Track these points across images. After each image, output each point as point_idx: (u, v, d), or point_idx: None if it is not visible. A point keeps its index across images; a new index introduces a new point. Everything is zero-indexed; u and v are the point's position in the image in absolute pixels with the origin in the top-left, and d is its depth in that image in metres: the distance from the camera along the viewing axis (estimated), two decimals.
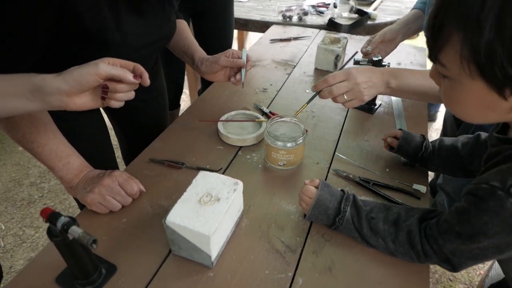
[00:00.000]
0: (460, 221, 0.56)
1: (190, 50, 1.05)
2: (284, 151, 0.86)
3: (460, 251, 0.58)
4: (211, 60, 0.99)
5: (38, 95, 0.59)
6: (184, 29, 1.09)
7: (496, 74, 0.44)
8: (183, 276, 0.66)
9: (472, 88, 0.48)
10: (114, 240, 0.72)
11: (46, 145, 0.75)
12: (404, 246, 0.65)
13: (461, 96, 0.51)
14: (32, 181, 2.06)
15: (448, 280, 1.59)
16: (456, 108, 0.55)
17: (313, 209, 0.71)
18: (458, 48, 0.46)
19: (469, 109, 0.53)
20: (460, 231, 0.56)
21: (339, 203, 0.70)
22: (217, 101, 1.17)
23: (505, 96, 0.46)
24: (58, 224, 0.53)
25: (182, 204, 0.66)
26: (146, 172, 0.88)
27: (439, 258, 0.62)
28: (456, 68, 0.48)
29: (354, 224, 0.69)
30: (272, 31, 1.73)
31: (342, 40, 1.35)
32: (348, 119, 1.10)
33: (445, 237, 0.59)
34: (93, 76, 0.59)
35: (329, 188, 0.72)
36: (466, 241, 0.56)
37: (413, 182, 0.86)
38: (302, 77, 1.33)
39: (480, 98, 0.49)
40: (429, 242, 0.62)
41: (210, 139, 1.00)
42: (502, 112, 0.50)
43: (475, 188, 0.54)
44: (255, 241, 0.72)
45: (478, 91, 0.48)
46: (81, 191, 0.76)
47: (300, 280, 0.66)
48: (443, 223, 0.60)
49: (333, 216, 0.70)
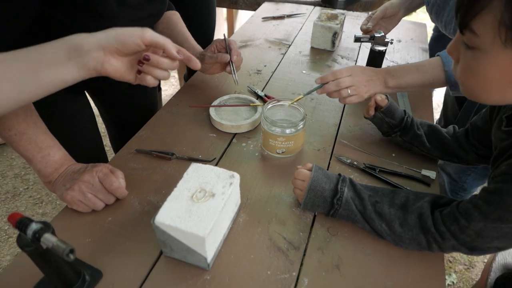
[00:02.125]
0: (488, 201, 0.54)
1: (185, 46, 0.99)
2: (282, 138, 0.79)
3: (488, 230, 0.54)
4: (199, 58, 0.96)
5: (75, 57, 0.54)
6: (177, 22, 1.02)
7: None
8: (177, 280, 0.60)
9: (500, 59, 0.47)
10: (99, 242, 0.65)
11: (24, 133, 0.68)
12: (413, 230, 0.61)
13: (485, 68, 0.49)
14: (16, 172, 1.97)
15: (448, 261, 1.56)
16: (475, 83, 0.53)
17: (308, 193, 0.66)
18: (497, 12, 0.43)
19: (489, 84, 0.51)
20: (487, 211, 0.53)
21: (335, 185, 0.66)
22: (207, 85, 1.09)
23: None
24: (29, 232, 0.46)
25: (172, 201, 0.59)
26: (133, 164, 0.81)
27: (457, 241, 0.58)
28: (489, 36, 0.45)
29: (356, 206, 0.64)
30: (264, 9, 1.63)
31: (340, 16, 1.27)
32: None
33: (469, 218, 0.55)
34: (137, 38, 0.56)
35: (324, 171, 0.69)
36: (497, 221, 0.53)
37: (422, 167, 0.80)
38: (298, 57, 1.25)
39: (505, 71, 0.47)
40: (445, 223, 0.58)
41: (201, 127, 0.92)
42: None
43: (509, 167, 0.52)
44: (255, 238, 0.66)
45: (506, 63, 0.46)
46: (60, 188, 0.68)
47: (305, 280, 0.60)
48: (465, 204, 0.57)
49: (330, 198, 0.65)
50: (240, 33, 1.39)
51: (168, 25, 1.01)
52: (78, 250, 0.62)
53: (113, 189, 0.68)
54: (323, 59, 1.23)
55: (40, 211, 1.77)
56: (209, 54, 0.95)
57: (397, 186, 0.76)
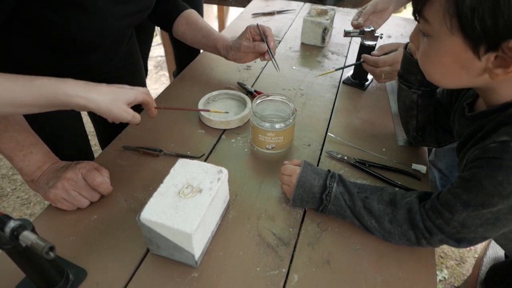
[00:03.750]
0: (467, 188, 0.53)
1: (211, 40, 0.99)
2: (272, 133, 0.78)
3: (471, 219, 0.54)
4: (234, 47, 0.95)
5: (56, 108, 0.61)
6: (197, 19, 1.02)
7: (476, 27, 0.44)
8: (164, 278, 0.58)
9: (450, 45, 0.48)
10: (84, 241, 0.63)
11: (5, 131, 0.66)
12: (403, 226, 0.60)
13: (438, 54, 0.51)
14: (4, 173, 1.93)
15: (439, 257, 1.57)
16: (432, 69, 0.55)
17: (297, 189, 0.65)
18: (442, 1, 0.46)
19: (444, 69, 0.53)
20: (468, 200, 0.52)
21: (324, 180, 0.66)
22: (197, 81, 1.07)
23: (479, 54, 0.46)
24: (7, 229, 0.44)
25: (158, 197, 0.57)
26: (119, 161, 0.79)
27: (444, 234, 0.57)
28: (438, 23, 0.48)
29: (346, 201, 0.63)
30: (254, 5, 1.62)
31: (330, 12, 1.26)
32: (339, 96, 1.02)
33: (452, 209, 0.55)
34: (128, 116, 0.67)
35: (313, 167, 0.68)
36: (478, 207, 0.52)
37: (412, 161, 0.80)
38: (288, 53, 1.24)
39: (456, 56, 0.49)
40: (430, 218, 0.58)
41: (190, 123, 0.91)
42: (474, 73, 0.49)
43: (482, 151, 0.51)
44: (244, 234, 0.65)
45: (455, 48, 0.48)
46: (43, 186, 0.66)
47: (295, 277, 0.59)
48: (445, 195, 0.56)
49: (319, 194, 0.65)
50: (230, 30, 1.37)
51: (189, 24, 1.01)
52: (62, 248, 0.61)
53: (96, 185, 0.66)
54: (313, 55, 1.22)
55: (28, 212, 1.73)
56: (245, 44, 0.92)
57: (387, 180, 0.75)
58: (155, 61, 2.94)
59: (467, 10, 0.43)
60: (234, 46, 0.94)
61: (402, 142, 0.85)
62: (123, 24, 0.80)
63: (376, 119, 0.93)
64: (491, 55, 0.46)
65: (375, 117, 0.94)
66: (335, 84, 1.07)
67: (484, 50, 0.46)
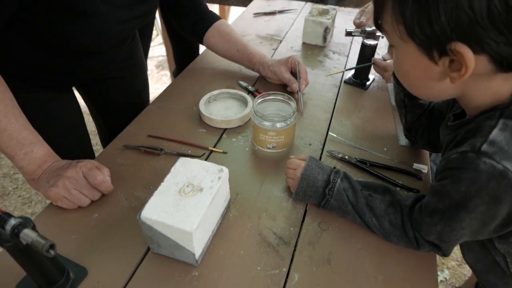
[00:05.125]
0: (440, 199, 0.53)
1: (246, 54, 1.03)
2: (273, 132, 0.77)
3: (445, 233, 0.54)
4: (272, 69, 1.00)
5: None
6: (230, 31, 1.05)
7: (419, 34, 0.45)
8: (164, 277, 0.58)
9: (407, 52, 0.49)
10: (84, 239, 0.63)
11: (5, 130, 0.65)
12: (400, 230, 0.61)
13: (402, 62, 0.52)
14: (5, 172, 1.94)
15: (441, 257, 1.56)
16: (403, 79, 0.56)
17: (300, 182, 0.66)
18: (391, 12, 0.47)
19: (411, 79, 0.54)
20: (444, 209, 0.52)
21: (328, 176, 0.66)
22: (198, 80, 1.07)
23: (435, 59, 0.47)
24: (7, 227, 0.44)
25: (159, 196, 0.57)
26: (120, 160, 0.79)
27: (430, 245, 0.58)
28: (392, 33, 0.49)
29: (349, 197, 0.64)
30: (255, 5, 1.61)
31: (331, 11, 1.26)
32: (340, 96, 1.02)
33: (430, 221, 0.55)
34: None
35: (318, 162, 0.69)
36: (449, 221, 0.52)
37: (413, 161, 0.80)
38: (289, 52, 1.23)
39: (416, 64, 0.49)
40: (416, 229, 0.59)
41: (191, 122, 0.91)
42: (436, 78, 0.49)
43: (447, 162, 0.50)
44: (245, 233, 0.65)
45: (413, 55, 0.48)
46: (44, 184, 0.66)
47: (296, 276, 0.59)
48: (425, 207, 0.57)
49: (322, 188, 0.65)
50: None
51: (222, 37, 1.04)
52: (63, 247, 0.61)
53: (97, 183, 0.66)
54: (314, 54, 1.22)
55: (29, 211, 1.74)
56: (284, 74, 0.98)
57: (388, 180, 0.75)
58: (157, 60, 2.95)
59: (409, 19, 0.45)
60: (273, 68, 0.99)
61: (403, 141, 0.85)
62: (125, 28, 0.81)
63: (377, 119, 0.93)
64: (445, 59, 0.46)
65: (376, 116, 0.94)
66: (336, 84, 1.07)
67: (437, 54, 0.46)
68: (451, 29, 0.42)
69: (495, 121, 0.47)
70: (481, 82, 0.48)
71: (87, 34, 0.73)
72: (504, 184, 0.44)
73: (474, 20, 0.40)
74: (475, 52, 0.43)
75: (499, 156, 0.44)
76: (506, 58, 0.43)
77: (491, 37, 0.41)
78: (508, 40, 0.41)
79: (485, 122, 0.48)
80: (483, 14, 0.39)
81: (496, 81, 0.47)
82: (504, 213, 0.47)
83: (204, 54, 1.21)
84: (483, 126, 0.48)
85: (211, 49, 1.07)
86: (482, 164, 0.44)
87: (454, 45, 0.43)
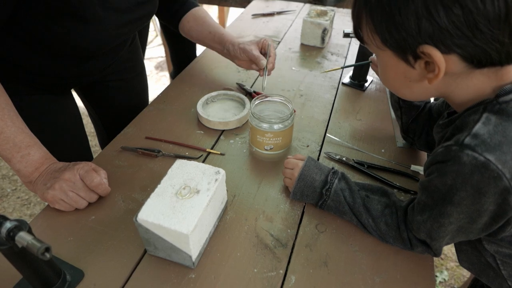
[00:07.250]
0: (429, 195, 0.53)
1: (218, 34, 1.00)
2: (270, 134, 0.77)
3: (434, 230, 0.54)
4: (241, 47, 0.96)
5: None
6: (204, 16, 1.02)
7: (392, 39, 0.47)
8: (161, 279, 0.58)
9: (386, 58, 0.51)
10: (81, 242, 0.63)
11: (2, 132, 0.65)
12: (396, 231, 0.61)
13: (385, 68, 0.54)
14: (4, 173, 1.94)
15: (439, 258, 1.56)
16: (386, 83, 0.58)
17: (298, 181, 0.66)
18: (366, 23, 0.49)
19: (393, 82, 0.56)
20: (432, 205, 0.53)
21: (326, 176, 0.66)
22: (196, 82, 1.07)
23: (411, 63, 0.49)
24: (3, 230, 0.44)
25: (156, 198, 0.57)
26: (118, 162, 0.79)
27: (422, 245, 0.59)
28: (370, 42, 0.51)
29: (346, 198, 0.64)
30: (254, 6, 1.62)
31: (329, 12, 1.26)
32: (338, 97, 1.02)
33: (420, 219, 0.55)
34: None
35: (316, 162, 0.69)
36: (438, 217, 0.52)
37: (411, 163, 0.80)
38: (287, 54, 1.24)
39: (396, 69, 0.51)
40: (410, 229, 0.60)
41: (189, 123, 0.91)
42: (416, 80, 0.51)
43: (433, 157, 0.51)
44: (242, 235, 0.65)
45: (391, 61, 0.51)
46: (41, 187, 0.66)
47: (293, 278, 0.59)
48: (416, 205, 0.57)
49: (319, 188, 0.65)
50: (230, 30, 1.38)
51: (196, 21, 1.02)
52: (60, 249, 0.61)
53: (94, 186, 0.66)
54: (313, 56, 1.22)
55: (28, 212, 1.74)
56: (254, 51, 0.94)
57: (386, 181, 0.75)
58: (156, 61, 2.95)
59: (380, 27, 0.48)
60: (243, 45, 0.96)
61: (401, 143, 0.85)
62: (124, 32, 0.81)
63: (375, 120, 0.93)
64: (420, 62, 0.48)
65: (374, 118, 0.94)
66: (334, 85, 1.07)
67: (412, 58, 0.48)
68: (416, 33, 0.44)
69: (478, 115, 0.48)
70: (461, 80, 0.49)
71: (86, 38, 0.73)
72: (487, 175, 0.44)
73: (436, 26, 0.43)
74: (444, 52, 0.45)
75: (480, 148, 0.45)
76: (475, 55, 0.44)
77: (455, 39, 0.43)
78: (471, 41, 0.42)
79: (470, 117, 0.49)
80: (444, 21, 0.42)
81: (475, 77, 0.48)
82: (490, 209, 0.48)
83: (202, 56, 1.21)
84: (468, 121, 0.49)
85: (186, 35, 1.05)
86: (465, 157, 0.45)
87: (422, 48, 0.45)
